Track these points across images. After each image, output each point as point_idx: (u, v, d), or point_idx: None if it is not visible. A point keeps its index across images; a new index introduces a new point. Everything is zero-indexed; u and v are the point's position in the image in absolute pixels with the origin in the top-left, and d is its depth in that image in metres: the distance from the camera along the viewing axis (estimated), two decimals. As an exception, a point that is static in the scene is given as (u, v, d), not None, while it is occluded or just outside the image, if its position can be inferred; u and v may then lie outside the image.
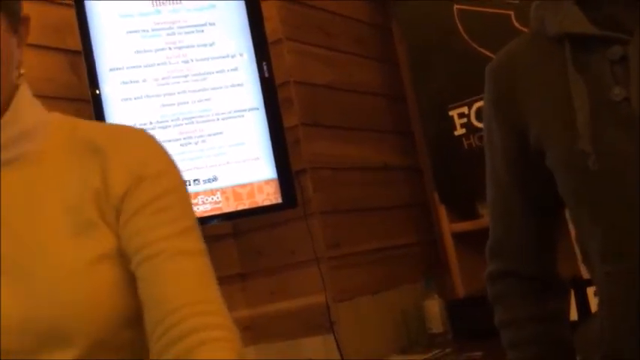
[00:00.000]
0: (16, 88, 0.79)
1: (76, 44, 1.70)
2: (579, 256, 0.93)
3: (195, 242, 0.77)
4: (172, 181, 0.79)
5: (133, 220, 0.75)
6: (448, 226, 2.12)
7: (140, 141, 0.81)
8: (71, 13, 1.68)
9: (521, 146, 0.90)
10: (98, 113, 1.64)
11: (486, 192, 0.97)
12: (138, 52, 1.73)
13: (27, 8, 0.82)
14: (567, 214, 0.93)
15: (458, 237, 2.11)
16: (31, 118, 0.79)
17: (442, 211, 2.13)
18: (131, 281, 0.75)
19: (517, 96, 0.89)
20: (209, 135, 1.76)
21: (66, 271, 0.72)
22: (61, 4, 1.75)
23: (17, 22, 0.78)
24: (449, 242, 2.12)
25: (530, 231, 0.94)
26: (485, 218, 2.07)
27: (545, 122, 0.86)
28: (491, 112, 0.94)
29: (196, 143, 1.74)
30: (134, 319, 0.75)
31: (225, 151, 1.77)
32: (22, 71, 0.80)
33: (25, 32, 0.80)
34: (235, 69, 1.81)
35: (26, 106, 0.79)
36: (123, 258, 0.75)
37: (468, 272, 2.09)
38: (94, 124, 0.87)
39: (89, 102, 1.65)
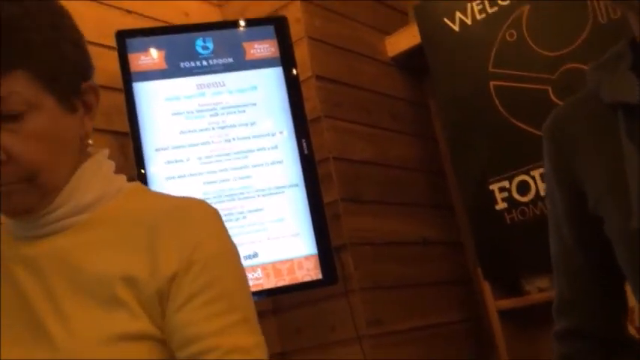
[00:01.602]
0: (81, 161, 0.80)
1: (124, 126, 1.77)
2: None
3: (249, 336, 0.73)
4: (225, 266, 0.76)
5: (182, 311, 0.72)
6: (493, 303, 2.06)
7: (196, 220, 0.77)
8: (120, 97, 1.77)
9: (581, 208, 0.89)
10: (143, 192, 1.69)
11: (550, 249, 0.96)
12: (182, 132, 1.79)
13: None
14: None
15: (504, 314, 2.04)
16: (89, 193, 0.79)
17: (486, 288, 2.08)
18: None
19: (574, 160, 0.89)
20: (250, 211, 1.78)
21: (85, 345, 0.71)
22: (111, 88, 1.84)
23: (71, 99, 0.77)
24: (495, 320, 2.05)
25: (596, 289, 0.91)
26: (532, 295, 2.01)
27: (600, 192, 0.85)
28: (551, 172, 0.93)
29: (237, 219, 1.76)
30: None
31: (265, 227, 1.78)
32: (90, 142, 0.80)
33: (91, 103, 0.80)
34: (275, 147, 1.85)
35: (85, 182, 0.79)
36: (153, 341, 0.73)
37: (515, 351, 2.01)
38: (160, 197, 0.84)
39: (135, 181, 1.70)
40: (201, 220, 0.77)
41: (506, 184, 2.03)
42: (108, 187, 0.81)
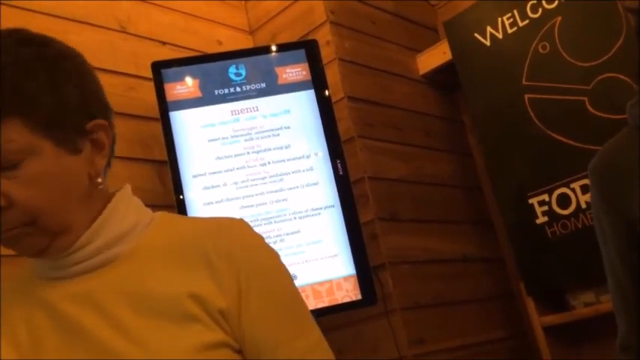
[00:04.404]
0: (101, 198, 0.82)
1: (162, 155, 1.81)
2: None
3: (311, 333, 0.82)
4: (279, 273, 0.82)
5: (251, 324, 0.77)
6: (538, 320, 2.01)
7: (242, 235, 0.82)
8: (158, 126, 1.81)
9: (633, 241, 0.90)
10: (182, 218, 1.71)
11: (608, 284, 0.98)
12: (219, 158, 1.82)
13: (118, 125, 0.86)
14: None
15: (549, 330, 2.00)
16: (125, 223, 0.81)
17: (530, 304, 2.04)
18: None
19: (625, 193, 0.91)
20: (287, 234, 1.79)
21: (168, 357, 0.73)
22: (148, 118, 1.89)
23: (74, 141, 0.77)
24: (540, 336, 2.01)
25: None
26: (578, 310, 1.96)
27: None
28: (602, 208, 0.95)
29: (275, 242, 1.78)
30: None
31: (303, 249, 1.79)
32: (99, 180, 0.81)
33: (101, 141, 0.81)
34: (310, 169, 1.86)
35: (119, 214, 0.81)
36: (230, 350, 0.77)
37: (563, 369, 1.96)
38: (196, 220, 0.88)
39: (174, 207, 1.73)
40: (246, 235, 0.83)
41: (545, 197, 1.99)
42: (141, 217, 0.84)
